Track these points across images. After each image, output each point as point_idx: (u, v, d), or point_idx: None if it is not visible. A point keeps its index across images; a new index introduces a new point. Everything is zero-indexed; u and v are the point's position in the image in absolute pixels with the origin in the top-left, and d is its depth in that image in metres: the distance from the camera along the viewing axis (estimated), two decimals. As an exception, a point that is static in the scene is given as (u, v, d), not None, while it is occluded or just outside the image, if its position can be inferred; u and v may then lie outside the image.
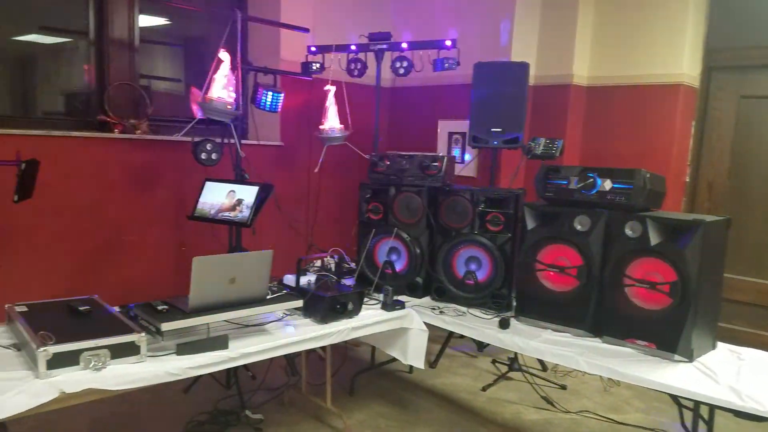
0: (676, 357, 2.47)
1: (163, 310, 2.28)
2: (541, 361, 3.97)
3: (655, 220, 2.56)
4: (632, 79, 4.32)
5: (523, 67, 3.62)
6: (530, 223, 2.93)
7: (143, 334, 2.12)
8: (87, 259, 3.57)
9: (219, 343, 2.31)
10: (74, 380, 1.92)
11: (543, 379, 3.79)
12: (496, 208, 3.16)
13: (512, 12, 4.43)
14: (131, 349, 2.08)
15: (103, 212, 3.62)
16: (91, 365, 1.98)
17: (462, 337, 4.44)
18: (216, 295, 2.34)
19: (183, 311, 2.28)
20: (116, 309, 2.44)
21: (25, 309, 2.29)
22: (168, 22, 4.40)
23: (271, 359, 3.52)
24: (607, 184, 2.76)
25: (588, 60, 4.50)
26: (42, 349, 1.89)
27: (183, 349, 2.22)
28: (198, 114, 4.28)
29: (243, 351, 2.35)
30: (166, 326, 2.16)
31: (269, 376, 3.55)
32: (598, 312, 2.74)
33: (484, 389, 3.69)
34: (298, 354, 3.59)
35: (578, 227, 2.76)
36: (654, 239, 2.55)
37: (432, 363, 4.05)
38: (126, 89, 3.99)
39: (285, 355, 3.70)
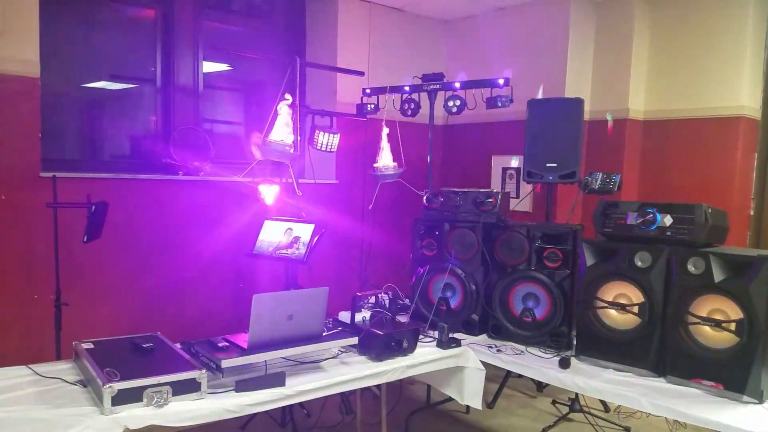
0: (745, 398, 2.35)
1: (223, 346, 2.33)
2: (603, 402, 3.82)
3: (718, 256, 2.47)
4: (690, 113, 4.23)
5: (578, 103, 3.60)
6: (589, 260, 2.86)
7: (204, 370, 2.17)
8: (150, 296, 3.71)
9: (276, 380, 2.34)
10: (137, 416, 1.98)
11: (605, 420, 3.64)
12: (554, 244, 3.11)
13: (565, 48, 4.43)
14: (192, 386, 2.13)
15: (166, 251, 3.77)
16: (153, 402, 2.03)
17: (520, 376, 4.36)
18: (274, 331, 2.38)
19: (242, 348, 2.33)
20: (178, 345, 2.51)
21: (91, 346, 2.39)
22: (228, 68, 4.62)
23: (326, 397, 3.56)
24: (668, 220, 2.68)
25: (643, 94, 4.43)
26: (107, 385, 1.96)
27: (242, 386, 2.25)
28: (258, 156, 4.45)
29: (299, 389, 2.36)
30: (226, 363, 2.21)
31: (324, 414, 3.55)
32: (661, 351, 2.62)
33: (544, 431, 3.57)
34: (353, 392, 3.59)
35: (639, 263, 2.68)
36: (718, 276, 2.45)
37: (489, 403, 3.95)
38: (190, 134, 4.18)
39: (340, 393, 3.73)
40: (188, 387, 2.12)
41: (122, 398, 1.98)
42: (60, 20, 3.59)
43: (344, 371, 2.59)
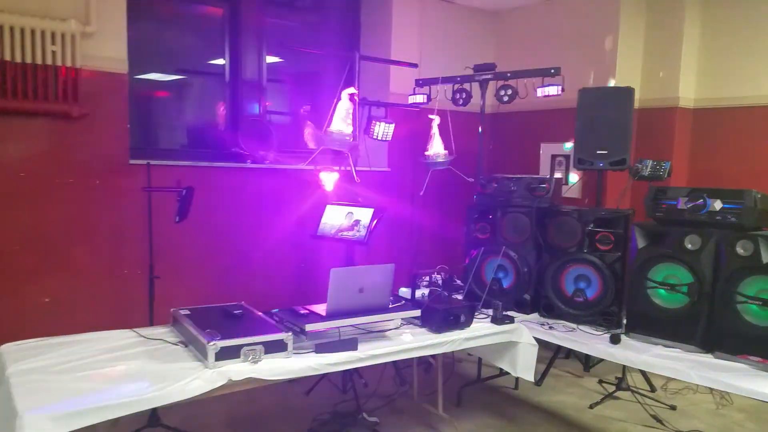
0: (791, 372, 2.49)
1: (304, 313, 2.61)
2: (649, 382, 3.98)
3: (767, 239, 2.60)
4: (741, 101, 4.30)
5: (628, 92, 3.73)
6: (640, 242, 3.03)
7: (290, 333, 2.45)
8: (225, 272, 4.03)
9: (350, 344, 2.59)
10: (237, 370, 2.26)
11: (651, 399, 3.80)
12: (606, 228, 3.28)
13: (616, 36, 4.54)
14: (280, 346, 2.41)
15: (237, 232, 4.09)
16: (249, 358, 2.32)
17: (567, 357, 4.55)
18: (348, 302, 2.64)
19: (321, 315, 2.60)
20: (260, 313, 2.80)
21: (188, 312, 2.69)
22: (288, 61, 4.88)
23: (383, 369, 3.82)
24: (717, 204, 2.82)
25: (694, 82, 4.51)
26: (212, 343, 2.25)
27: (320, 348, 2.52)
28: (311, 145, 4.71)
29: (370, 353, 2.61)
30: (309, 327, 2.49)
31: (381, 384, 3.81)
32: (709, 328, 2.78)
33: (591, 407, 3.75)
34: (408, 365, 3.84)
35: (689, 246, 2.84)
36: (766, 257, 2.59)
37: (537, 381, 4.15)
38: (256, 124, 4.47)
39: (395, 367, 3.99)
40: (277, 347, 2.40)
41: (223, 355, 2.27)
42: (140, 19, 3.89)
43: (408, 340, 2.82)
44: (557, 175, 4.79)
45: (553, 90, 3.98)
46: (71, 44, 3.33)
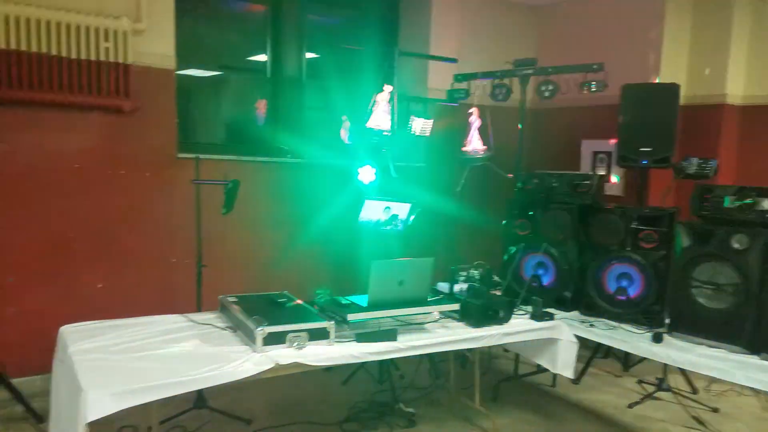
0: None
1: (346, 304, 2.67)
2: (691, 383, 3.92)
3: (818, 239, 2.56)
4: (792, 97, 4.19)
5: (673, 88, 3.68)
6: (685, 241, 2.99)
7: (332, 322, 2.51)
8: (267, 262, 4.14)
9: (390, 335, 2.64)
10: (283, 355, 2.34)
11: (693, 400, 3.75)
12: (650, 226, 3.25)
13: (661, 32, 4.47)
14: (323, 334, 2.48)
15: (279, 224, 4.19)
16: (294, 344, 2.39)
17: (606, 357, 4.51)
18: (388, 294, 2.69)
19: (362, 306, 2.66)
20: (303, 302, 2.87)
21: (235, 299, 2.79)
22: (327, 57, 4.93)
23: (419, 362, 3.87)
24: (766, 204, 2.78)
25: (743, 78, 4.41)
26: (260, 329, 2.33)
27: (361, 338, 2.58)
28: (347, 140, 4.78)
29: (409, 344, 2.66)
30: (351, 317, 2.56)
31: (417, 377, 3.85)
32: (756, 329, 2.74)
33: (630, 406, 3.72)
34: (444, 359, 3.88)
35: (735, 246, 2.80)
36: (817, 258, 2.54)
37: (575, 379, 4.12)
38: (294, 119, 4.56)
39: (430, 360, 4.02)
40: (320, 335, 2.47)
41: (270, 340, 2.35)
42: (185, 16, 3.99)
43: (446, 333, 2.86)
44: (599, 172, 4.76)
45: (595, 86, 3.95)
46: (123, 41, 3.45)
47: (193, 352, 2.36)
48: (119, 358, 2.28)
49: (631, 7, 4.71)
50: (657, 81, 4.42)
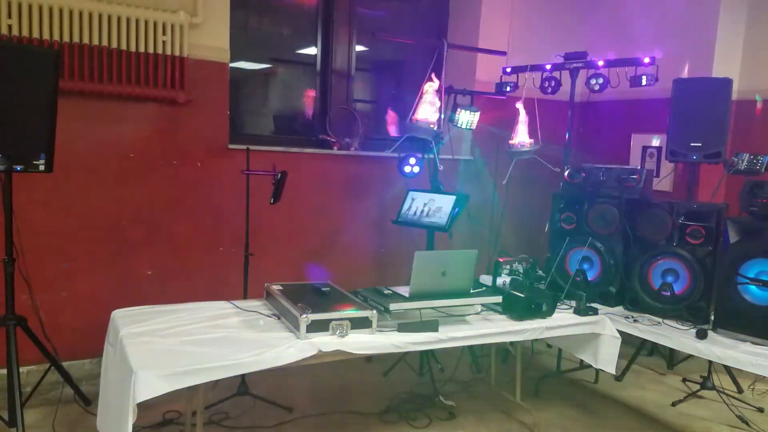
0: None
1: (388, 294, 2.72)
2: (736, 383, 3.83)
3: None
4: None
5: (726, 83, 3.58)
6: (732, 237, 2.93)
7: (374, 311, 2.56)
8: (312, 251, 4.23)
9: (431, 326, 2.67)
10: (326, 342, 2.41)
11: (738, 400, 3.65)
12: (697, 221, 3.19)
13: (715, 26, 4.33)
14: (365, 323, 2.53)
15: (323, 215, 4.26)
16: (337, 332, 2.45)
17: (651, 355, 4.43)
18: (430, 284, 2.72)
19: (404, 296, 2.70)
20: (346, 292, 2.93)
21: (280, 287, 2.86)
22: (376, 51, 4.98)
23: (459, 357, 3.89)
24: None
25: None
26: (304, 316, 2.40)
27: (403, 328, 2.62)
28: (394, 132, 4.81)
29: (450, 335, 2.68)
30: (393, 306, 2.60)
31: (457, 371, 3.87)
32: (806, 329, 2.67)
33: (673, 404, 3.66)
34: (485, 354, 3.88)
35: (786, 242, 2.72)
36: None
37: (618, 376, 4.08)
38: (342, 112, 4.62)
39: (471, 354, 4.04)
40: (362, 323, 2.52)
41: (313, 327, 2.42)
42: (237, 9, 4.08)
43: (488, 326, 2.87)
44: (648, 166, 4.66)
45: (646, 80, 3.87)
46: (179, 34, 3.57)
47: (239, 338, 2.45)
48: (168, 341, 2.38)
49: (685, 0, 4.57)
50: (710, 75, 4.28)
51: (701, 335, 2.87)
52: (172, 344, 2.35)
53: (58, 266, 3.51)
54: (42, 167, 2.83)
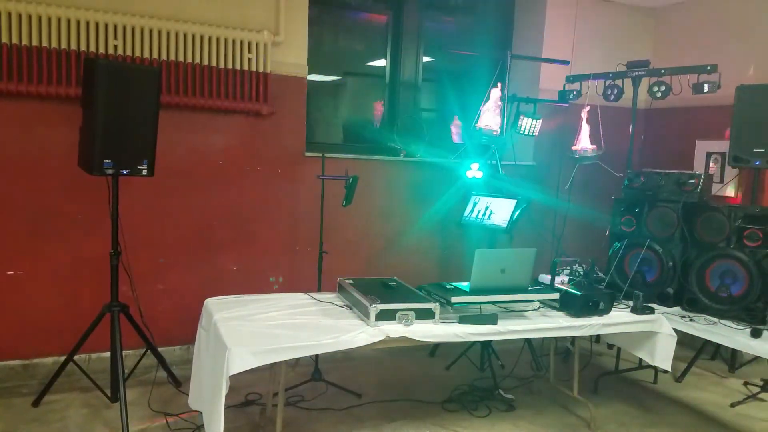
0: None
1: (450, 288, 2.95)
2: (802, 388, 3.82)
3: None
4: None
5: (790, 88, 3.60)
6: (789, 240, 2.99)
7: (437, 304, 2.80)
8: (380, 250, 4.52)
9: (491, 319, 2.89)
10: (393, 330, 2.67)
11: (804, 405, 3.66)
12: (755, 224, 3.25)
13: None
14: (428, 314, 2.78)
15: (391, 217, 4.54)
16: (403, 321, 2.72)
17: (713, 359, 4.45)
18: (490, 280, 2.93)
19: (465, 291, 2.92)
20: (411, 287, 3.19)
21: (351, 281, 3.15)
22: (442, 62, 5.22)
23: (519, 354, 4.05)
24: None
25: None
26: (373, 305, 2.68)
27: (464, 320, 2.85)
28: (458, 139, 5.03)
29: (509, 328, 2.89)
30: (455, 299, 2.84)
31: (517, 368, 4.04)
32: None
33: (732, 405, 3.71)
34: (545, 354, 4.03)
35: (843, 245, 2.77)
36: None
37: (678, 377, 4.13)
38: (409, 121, 4.89)
39: (531, 353, 4.19)
40: (426, 314, 2.77)
41: (382, 316, 2.69)
42: (313, 26, 4.40)
43: (545, 321, 3.05)
44: (712, 172, 4.68)
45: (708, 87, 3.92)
46: (264, 52, 3.93)
47: (317, 324, 2.75)
48: (256, 325, 2.70)
49: (746, 8, 4.58)
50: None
51: (756, 334, 2.94)
52: (260, 327, 2.67)
53: (155, 261, 3.93)
54: (145, 171, 3.19)
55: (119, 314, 3.27)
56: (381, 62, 4.92)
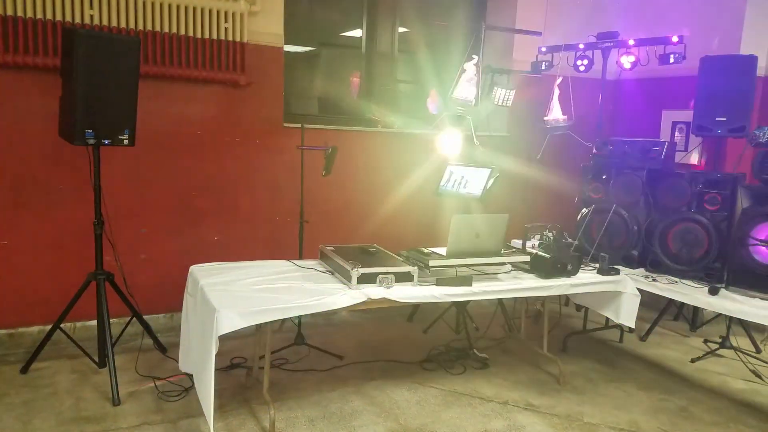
0: None
1: (429, 252, 3.09)
2: (754, 343, 4.09)
3: None
4: None
5: (751, 60, 3.76)
6: (745, 203, 3.20)
7: (415, 267, 2.94)
8: (360, 219, 4.63)
9: (466, 281, 3.04)
10: (375, 292, 2.81)
11: (755, 358, 3.92)
12: (714, 189, 3.45)
13: (744, 4, 4.47)
14: (407, 277, 2.92)
15: (369, 187, 4.64)
16: (383, 284, 2.85)
17: (675, 319, 4.70)
18: (465, 245, 3.07)
19: (442, 255, 3.06)
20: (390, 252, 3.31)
21: (333, 248, 3.26)
22: (416, 32, 5.26)
23: (492, 317, 4.23)
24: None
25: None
26: (355, 269, 2.80)
27: (441, 282, 2.99)
28: (433, 111, 5.12)
29: (483, 289, 3.05)
30: (432, 263, 2.98)
31: (490, 330, 4.22)
32: (808, 284, 2.94)
33: (692, 361, 3.95)
34: (517, 316, 4.22)
35: (792, 206, 2.98)
36: None
37: (642, 337, 4.37)
38: (386, 92, 4.95)
39: (504, 315, 4.37)
40: (405, 277, 2.91)
41: (363, 279, 2.82)
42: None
43: (517, 283, 3.22)
44: (677, 140, 4.87)
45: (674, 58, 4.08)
46: (240, 22, 3.94)
47: (301, 287, 2.87)
48: (242, 289, 2.82)
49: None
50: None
51: (713, 291, 3.16)
52: (246, 291, 2.79)
53: (137, 231, 3.97)
54: (126, 141, 3.23)
55: (104, 282, 3.33)
56: (357, 32, 4.95)
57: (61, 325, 3.40)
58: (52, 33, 3.47)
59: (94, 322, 3.62)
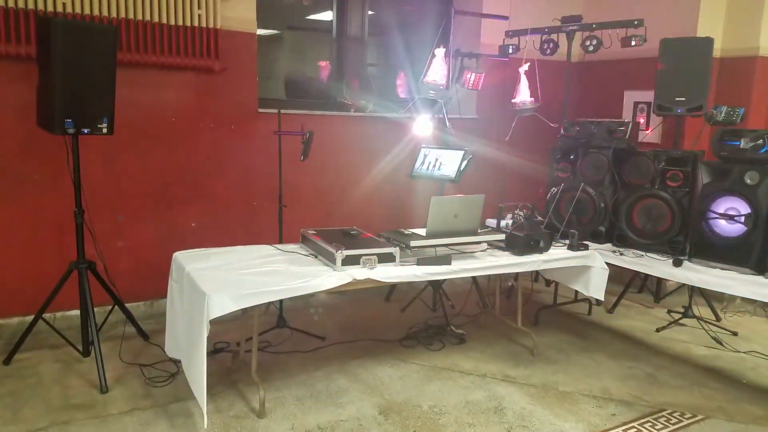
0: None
1: (408, 234, 3.19)
2: (714, 312, 4.35)
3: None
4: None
5: (708, 42, 3.95)
6: (705, 178, 3.39)
7: (397, 248, 3.04)
8: (334, 204, 4.70)
9: (445, 260, 3.15)
10: (359, 273, 2.89)
11: (716, 326, 4.16)
12: (676, 166, 3.65)
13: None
14: (389, 258, 3.01)
15: (345, 170, 4.71)
16: (367, 265, 2.94)
17: (640, 291, 4.93)
18: (444, 225, 3.19)
19: (422, 236, 3.17)
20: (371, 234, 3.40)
21: (315, 232, 3.33)
22: (381, 15, 5.31)
23: (468, 295, 4.38)
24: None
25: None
26: (339, 251, 2.88)
27: (421, 262, 3.10)
28: (404, 95, 5.20)
29: (462, 267, 3.17)
30: (413, 243, 3.08)
31: (466, 307, 4.37)
32: (762, 254, 3.15)
33: (657, 330, 4.18)
34: (491, 293, 4.37)
35: (748, 181, 3.19)
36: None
37: (610, 309, 4.58)
38: (357, 76, 5.01)
39: (479, 292, 4.53)
40: (387, 258, 3.01)
41: (347, 261, 2.90)
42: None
43: (493, 260, 3.35)
44: (640, 120, 5.07)
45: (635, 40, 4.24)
46: (213, 7, 3.93)
47: (287, 271, 2.93)
48: (228, 274, 2.86)
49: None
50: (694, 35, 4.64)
51: (677, 263, 3.36)
52: (233, 275, 2.83)
53: (113, 219, 3.96)
54: (105, 130, 3.22)
55: (86, 271, 3.34)
56: (326, 16, 4.97)
57: (43, 315, 3.40)
58: (25, 22, 3.43)
59: (75, 312, 3.63)
